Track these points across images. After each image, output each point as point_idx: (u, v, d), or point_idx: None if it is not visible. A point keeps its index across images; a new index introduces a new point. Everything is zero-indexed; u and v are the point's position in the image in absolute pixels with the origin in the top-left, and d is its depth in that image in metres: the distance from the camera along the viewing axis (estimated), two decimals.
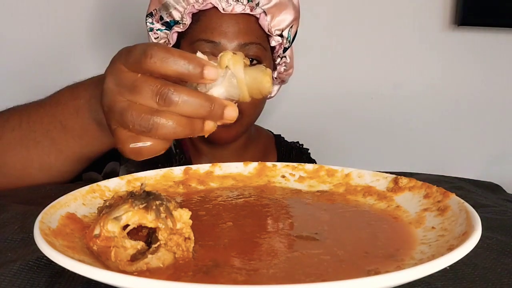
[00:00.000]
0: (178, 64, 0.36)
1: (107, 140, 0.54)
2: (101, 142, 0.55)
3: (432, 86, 1.23)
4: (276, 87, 0.89)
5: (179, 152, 0.79)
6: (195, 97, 0.37)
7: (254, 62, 0.74)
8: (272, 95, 0.89)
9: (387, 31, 1.20)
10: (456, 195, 0.37)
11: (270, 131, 0.98)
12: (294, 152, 0.93)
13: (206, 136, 0.40)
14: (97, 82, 0.51)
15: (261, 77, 0.39)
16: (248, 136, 0.86)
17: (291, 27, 0.78)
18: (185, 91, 0.37)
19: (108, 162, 0.74)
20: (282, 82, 0.88)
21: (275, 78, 0.84)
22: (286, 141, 0.96)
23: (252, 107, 0.74)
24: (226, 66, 0.39)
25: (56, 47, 1.14)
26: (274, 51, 0.80)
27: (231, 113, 0.38)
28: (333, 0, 1.18)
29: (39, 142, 0.56)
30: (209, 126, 0.39)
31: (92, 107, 0.52)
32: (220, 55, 0.39)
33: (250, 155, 0.86)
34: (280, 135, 0.97)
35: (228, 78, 0.39)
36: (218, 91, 0.38)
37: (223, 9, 0.71)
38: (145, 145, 0.39)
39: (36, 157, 0.56)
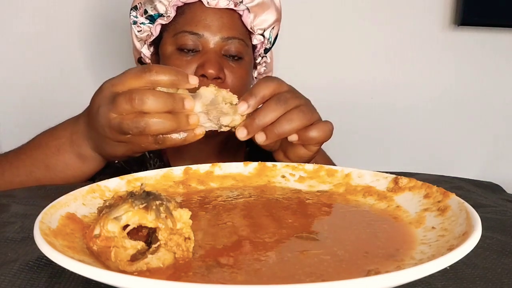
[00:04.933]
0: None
1: (88, 170, 0.61)
2: (82, 173, 0.61)
3: (432, 86, 1.23)
4: None
5: (153, 156, 0.80)
6: (158, 95, 0.48)
7: (236, 57, 0.74)
8: None
9: (387, 31, 1.20)
10: (456, 195, 0.37)
11: None
12: None
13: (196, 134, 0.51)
14: (74, 121, 0.60)
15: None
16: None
17: (273, 28, 0.79)
18: (150, 92, 0.48)
19: None
20: None
21: (255, 78, 0.86)
22: None
23: None
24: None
25: (52, 44, 1.14)
26: (255, 50, 0.81)
27: (190, 103, 0.49)
28: (333, 0, 1.18)
29: (24, 183, 0.61)
30: (200, 131, 0.51)
31: (74, 143, 0.59)
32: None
33: (229, 147, 0.85)
34: None
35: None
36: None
37: (208, 2, 0.72)
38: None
39: None
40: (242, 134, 0.52)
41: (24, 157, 0.62)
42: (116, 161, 0.75)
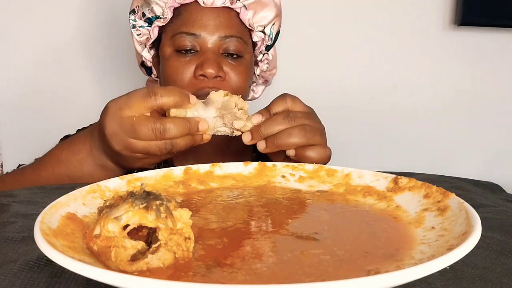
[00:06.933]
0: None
1: (113, 177, 0.61)
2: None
3: (431, 86, 1.23)
4: (260, 88, 0.89)
5: None
6: (177, 122, 0.53)
7: (235, 56, 0.74)
8: (256, 96, 0.89)
9: (387, 31, 1.20)
10: (456, 195, 0.37)
11: None
12: None
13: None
14: (90, 135, 0.62)
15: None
16: None
17: (273, 24, 0.79)
18: (170, 121, 0.53)
19: None
20: (266, 82, 0.88)
21: (258, 76, 0.85)
22: None
23: None
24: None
25: (52, 45, 1.14)
26: (256, 47, 0.81)
27: (204, 125, 0.55)
28: (333, 0, 1.18)
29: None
30: (207, 136, 0.57)
31: (95, 156, 0.62)
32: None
33: (233, 149, 0.85)
34: None
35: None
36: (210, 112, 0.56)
37: (204, 2, 0.72)
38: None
39: None
40: (246, 138, 0.58)
41: (46, 174, 0.63)
42: None
